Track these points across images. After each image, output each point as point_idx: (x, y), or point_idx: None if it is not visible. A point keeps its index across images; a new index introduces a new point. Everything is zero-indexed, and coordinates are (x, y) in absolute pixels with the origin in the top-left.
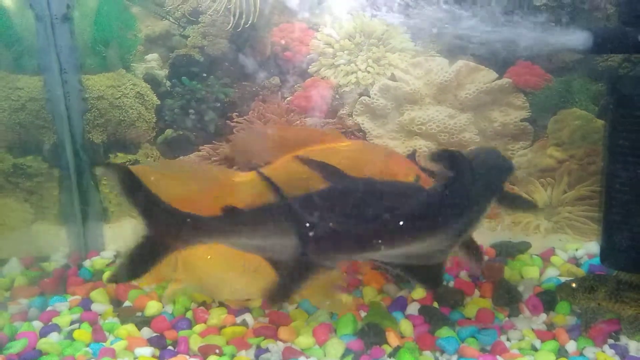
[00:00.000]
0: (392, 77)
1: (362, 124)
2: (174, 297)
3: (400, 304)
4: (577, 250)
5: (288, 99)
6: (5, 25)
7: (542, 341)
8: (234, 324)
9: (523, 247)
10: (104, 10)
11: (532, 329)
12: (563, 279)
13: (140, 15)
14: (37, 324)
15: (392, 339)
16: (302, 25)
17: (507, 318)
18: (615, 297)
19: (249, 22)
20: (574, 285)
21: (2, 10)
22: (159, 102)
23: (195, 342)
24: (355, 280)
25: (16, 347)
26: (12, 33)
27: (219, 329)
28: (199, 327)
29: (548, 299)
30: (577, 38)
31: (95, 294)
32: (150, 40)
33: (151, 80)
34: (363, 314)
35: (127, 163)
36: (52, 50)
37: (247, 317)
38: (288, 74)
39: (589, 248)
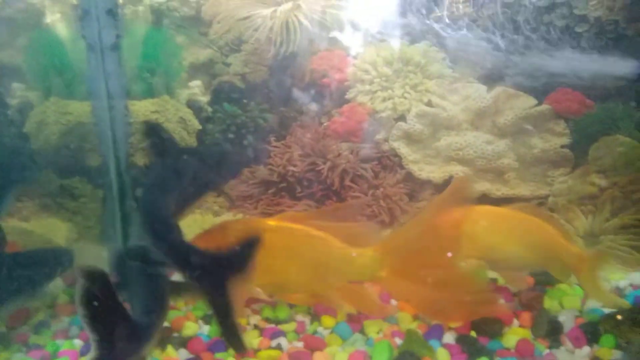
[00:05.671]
0: (429, 104)
1: (399, 149)
2: None
3: (437, 332)
4: (620, 280)
5: (325, 124)
6: (59, 53)
7: None
8: (269, 347)
9: None
10: (151, 39)
11: None
12: (606, 310)
13: (185, 44)
14: (78, 342)
15: None
16: (341, 53)
17: (548, 350)
18: None
19: (289, 50)
20: (619, 317)
21: (57, 40)
22: (200, 127)
23: None
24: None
25: None
26: (65, 61)
27: (255, 351)
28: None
29: (591, 331)
30: (620, 65)
31: None
32: (194, 67)
33: (194, 106)
34: (399, 341)
35: None
36: (100, 77)
37: (282, 340)
38: (325, 100)
39: (634, 278)
